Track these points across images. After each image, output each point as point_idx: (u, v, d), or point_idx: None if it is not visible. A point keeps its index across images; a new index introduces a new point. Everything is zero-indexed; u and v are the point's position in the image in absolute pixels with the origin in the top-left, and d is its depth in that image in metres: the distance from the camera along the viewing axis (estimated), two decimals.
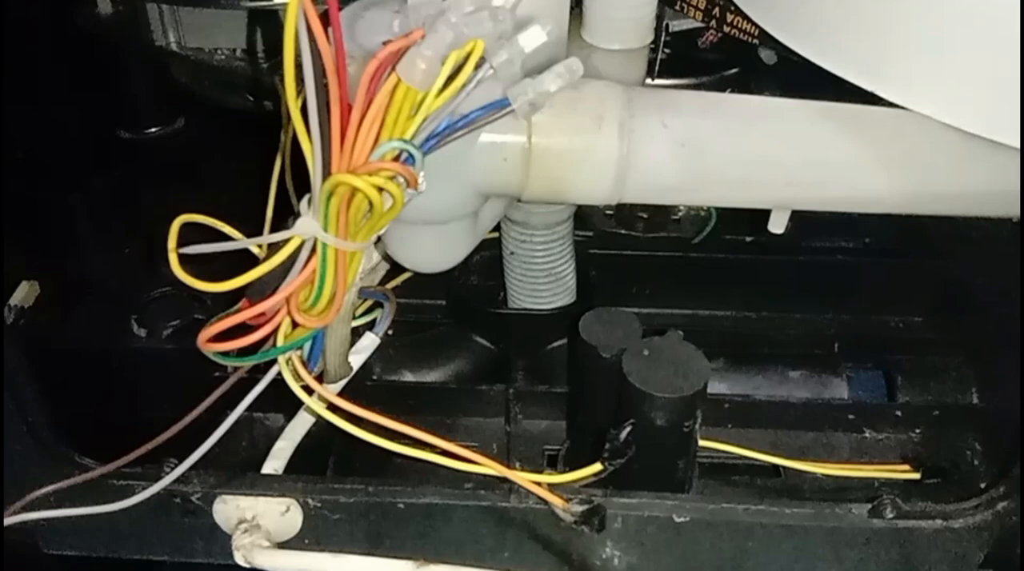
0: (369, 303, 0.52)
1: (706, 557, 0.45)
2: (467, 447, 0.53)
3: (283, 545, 0.44)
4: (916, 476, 0.52)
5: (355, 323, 0.51)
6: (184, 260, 0.39)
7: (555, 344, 0.56)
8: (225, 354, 0.41)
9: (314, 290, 0.40)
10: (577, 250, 0.56)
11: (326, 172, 0.37)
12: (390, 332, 0.51)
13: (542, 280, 0.55)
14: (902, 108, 0.40)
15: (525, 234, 0.53)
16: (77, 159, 0.63)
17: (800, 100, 0.44)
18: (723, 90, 0.63)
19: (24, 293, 0.55)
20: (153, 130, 0.66)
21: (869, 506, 0.43)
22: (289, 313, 0.40)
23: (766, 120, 0.43)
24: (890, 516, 0.43)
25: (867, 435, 0.54)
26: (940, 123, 0.39)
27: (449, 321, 0.59)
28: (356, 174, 0.37)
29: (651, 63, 0.57)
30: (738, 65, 0.63)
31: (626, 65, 0.52)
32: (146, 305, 0.57)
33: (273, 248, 0.39)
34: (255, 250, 0.43)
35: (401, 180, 0.38)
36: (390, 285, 0.57)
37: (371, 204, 0.38)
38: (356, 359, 0.48)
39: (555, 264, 0.54)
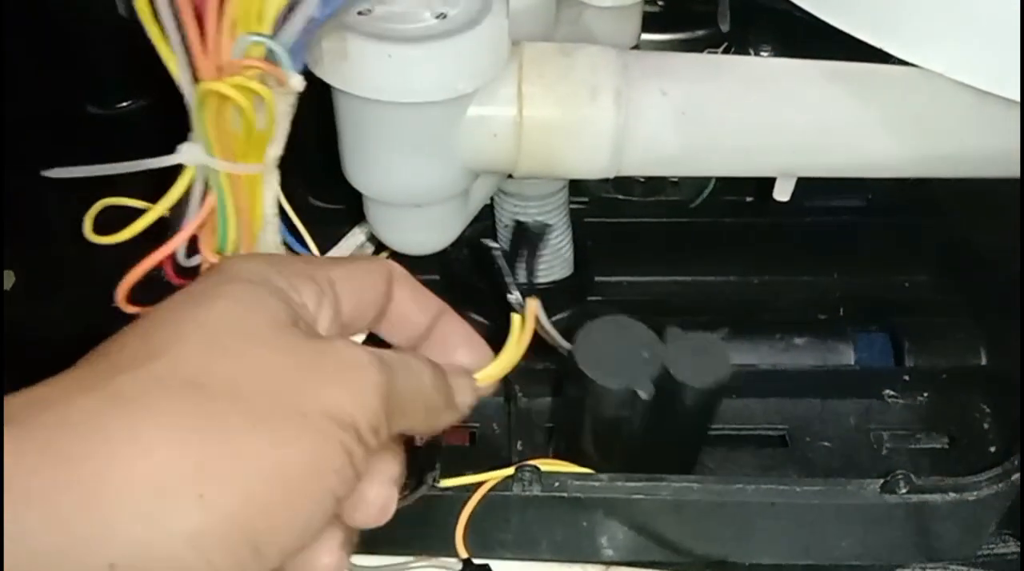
0: None
1: (715, 536, 0.44)
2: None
3: None
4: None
5: None
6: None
7: (552, 318, 0.54)
8: None
9: (219, 228, 0.36)
10: (573, 218, 0.54)
11: (195, 83, 0.34)
12: None
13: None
14: (912, 66, 0.38)
15: (519, 206, 0.51)
16: (45, 138, 0.60)
17: (804, 60, 0.41)
18: (720, 43, 0.60)
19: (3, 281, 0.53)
20: (124, 105, 0.63)
21: (881, 481, 0.42)
22: (204, 256, 0.37)
23: (771, 83, 0.41)
24: (903, 491, 0.42)
25: (875, 400, 0.53)
26: (953, 82, 0.37)
27: (443, 296, 0.57)
28: (221, 79, 0.33)
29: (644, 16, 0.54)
30: (735, 17, 0.60)
31: (619, 23, 0.50)
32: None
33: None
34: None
35: (273, 83, 0.34)
36: (381, 257, 0.55)
37: (244, 114, 0.34)
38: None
39: (551, 236, 0.52)
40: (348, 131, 0.40)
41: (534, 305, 0.39)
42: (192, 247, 0.37)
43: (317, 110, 0.39)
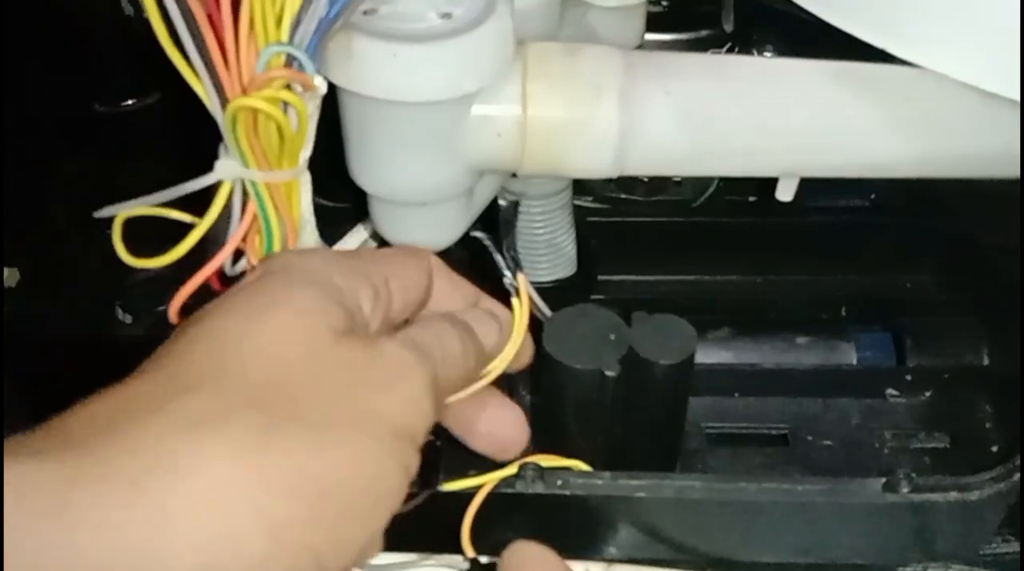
0: None
1: (717, 534, 0.44)
2: None
3: None
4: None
5: None
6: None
7: None
8: None
9: (263, 234, 0.37)
10: (576, 217, 0.54)
11: (224, 103, 0.34)
12: None
13: (541, 252, 0.53)
14: (916, 67, 0.38)
15: (523, 205, 0.51)
16: (52, 135, 0.60)
17: (808, 61, 0.42)
18: (723, 43, 0.60)
19: (4, 279, 0.53)
20: (130, 103, 0.63)
21: (883, 480, 0.42)
22: (251, 263, 0.38)
23: (775, 83, 0.41)
24: (905, 490, 0.42)
25: (877, 400, 0.53)
26: (957, 82, 0.37)
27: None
28: (250, 95, 0.34)
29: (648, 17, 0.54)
30: (739, 18, 0.61)
31: (624, 23, 0.50)
32: (131, 290, 0.55)
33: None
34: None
35: (298, 88, 0.35)
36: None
37: (277, 123, 0.35)
38: None
39: (555, 235, 0.52)
40: (352, 130, 0.41)
41: (524, 279, 0.42)
42: (237, 254, 0.38)
43: (321, 109, 0.39)
